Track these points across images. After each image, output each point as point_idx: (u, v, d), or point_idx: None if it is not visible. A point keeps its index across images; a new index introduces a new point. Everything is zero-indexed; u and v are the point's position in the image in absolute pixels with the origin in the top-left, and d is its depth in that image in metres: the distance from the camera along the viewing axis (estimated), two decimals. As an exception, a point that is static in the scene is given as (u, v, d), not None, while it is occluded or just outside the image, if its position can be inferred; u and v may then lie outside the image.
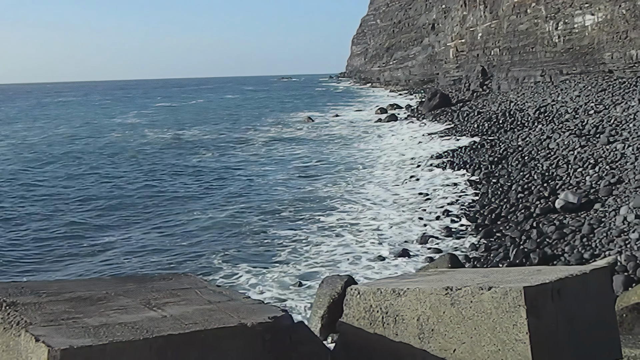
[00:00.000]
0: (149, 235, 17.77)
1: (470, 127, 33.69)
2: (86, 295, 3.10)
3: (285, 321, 2.90)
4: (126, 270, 14.45)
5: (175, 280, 3.56)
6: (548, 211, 15.86)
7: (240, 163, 32.00)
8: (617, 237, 13.06)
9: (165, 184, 26.20)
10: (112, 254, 16.06)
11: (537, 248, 13.55)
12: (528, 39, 46.59)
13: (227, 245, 16.27)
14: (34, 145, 42.14)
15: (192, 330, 2.64)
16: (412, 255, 14.56)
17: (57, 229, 18.68)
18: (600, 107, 28.16)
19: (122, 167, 31.68)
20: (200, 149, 38.09)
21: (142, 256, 15.74)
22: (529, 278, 3.17)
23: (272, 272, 14.00)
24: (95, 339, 2.49)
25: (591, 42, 38.66)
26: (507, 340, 2.92)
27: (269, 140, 41.83)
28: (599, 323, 3.25)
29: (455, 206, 18.41)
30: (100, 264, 15.24)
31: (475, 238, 15.23)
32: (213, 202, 22.21)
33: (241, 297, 3.27)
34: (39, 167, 32.28)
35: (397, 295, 3.31)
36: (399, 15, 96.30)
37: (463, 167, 23.64)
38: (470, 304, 3.04)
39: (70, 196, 23.89)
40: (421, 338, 3.19)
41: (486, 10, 54.52)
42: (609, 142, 20.76)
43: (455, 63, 63.07)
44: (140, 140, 43.95)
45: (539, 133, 26.16)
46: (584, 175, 18.07)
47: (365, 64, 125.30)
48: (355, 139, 39.71)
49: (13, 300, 2.91)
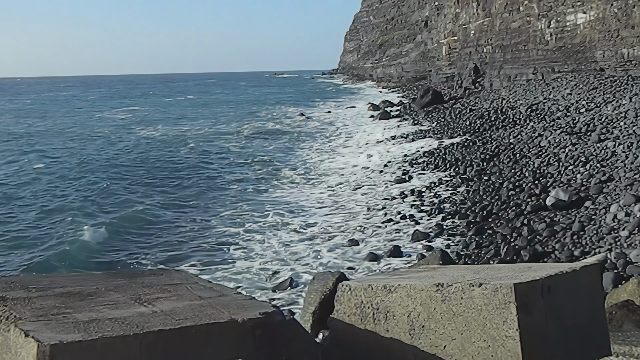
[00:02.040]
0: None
1: (458, 126, 33.74)
2: (76, 291, 3.09)
3: (276, 317, 2.90)
4: (115, 266, 14.42)
5: (166, 275, 3.55)
6: (539, 209, 15.92)
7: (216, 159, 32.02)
8: (607, 234, 13.14)
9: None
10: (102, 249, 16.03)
11: (528, 245, 13.61)
12: (520, 37, 46.70)
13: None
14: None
15: (183, 326, 2.63)
16: (404, 253, 14.59)
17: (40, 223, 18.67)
18: (592, 105, 28.28)
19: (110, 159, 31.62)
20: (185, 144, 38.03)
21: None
22: (519, 275, 3.18)
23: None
24: (85, 334, 2.48)
25: (583, 40, 38.79)
26: (497, 336, 2.93)
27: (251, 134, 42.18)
28: (589, 320, 3.27)
29: (446, 204, 18.44)
30: (89, 260, 15.19)
31: (466, 235, 15.27)
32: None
33: (232, 292, 3.27)
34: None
35: (388, 292, 3.31)
36: (392, 12, 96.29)
37: (454, 164, 23.68)
38: (460, 301, 3.04)
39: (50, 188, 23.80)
40: (412, 334, 3.20)
41: (479, 7, 54.58)
42: (600, 140, 20.86)
43: (448, 60, 63.14)
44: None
45: (531, 131, 26.24)
46: (574, 173, 18.16)
47: (357, 61, 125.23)
48: (346, 132, 39.72)
49: (2, 295, 2.90)
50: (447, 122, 36.26)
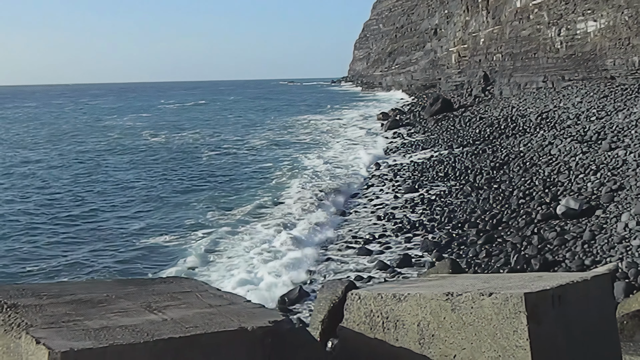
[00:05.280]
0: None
1: (468, 134, 33.64)
2: (87, 298, 3.10)
3: (285, 325, 2.90)
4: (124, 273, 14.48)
5: (175, 283, 3.56)
6: (549, 217, 15.85)
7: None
8: (618, 243, 13.05)
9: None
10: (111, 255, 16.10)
11: (538, 254, 13.54)
12: (530, 45, 46.59)
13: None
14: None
15: (193, 334, 2.64)
16: (413, 262, 14.55)
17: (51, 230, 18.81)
18: (602, 113, 28.14)
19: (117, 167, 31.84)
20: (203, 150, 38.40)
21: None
22: (529, 284, 3.16)
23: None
24: (95, 341, 2.49)
25: (593, 48, 38.65)
26: (507, 346, 2.91)
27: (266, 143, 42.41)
28: (600, 330, 3.25)
29: (456, 212, 18.37)
30: (100, 267, 15.26)
31: (476, 244, 15.20)
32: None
33: (242, 300, 3.27)
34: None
35: (397, 300, 3.31)
36: (402, 20, 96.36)
37: (464, 172, 23.62)
38: (470, 310, 3.03)
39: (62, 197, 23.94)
40: (421, 343, 3.19)
41: (489, 15, 54.53)
42: (611, 149, 20.74)
43: (458, 68, 63.06)
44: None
45: (541, 139, 26.14)
46: (585, 182, 18.05)
47: (367, 69, 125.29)
48: (356, 142, 39.75)
49: (14, 302, 2.91)
50: (457, 130, 36.19)
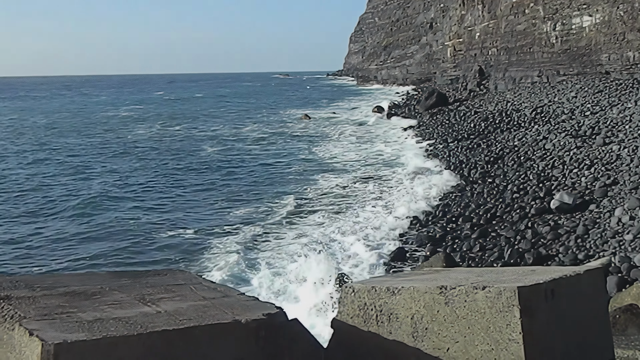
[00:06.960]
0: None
1: (463, 128, 33.69)
2: (80, 290, 3.09)
3: (279, 318, 2.90)
4: (119, 265, 14.46)
5: (169, 276, 3.55)
6: (543, 211, 15.90)
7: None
8: (611, 238, 13.10)
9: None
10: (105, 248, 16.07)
11: (532, 248, 13.58)
12: (526, 39, 46.62)
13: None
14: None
15: (186, 326, 2.64)
16: (408, 255, 14.58)
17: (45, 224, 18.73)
18: (597, 108, 28.21)
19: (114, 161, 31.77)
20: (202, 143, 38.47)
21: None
22: (523, 278, 3.17)
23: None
24: (89, 333, 2.48)
25: (588, 43, 38.71)
26: (500, 339, 2.92)
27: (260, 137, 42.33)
28: (593, 324, 3.26)
29: (451, 206, 18.42)
30: (94, 258, 15.23)
31: (470, 238, 15.24)
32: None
33: (236, 293, 3.27)
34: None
35: (391, 294, 3.31)
36: (397, 14, 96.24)
37: (459, 166, 23.65)
38: (464, 304, 3.04)
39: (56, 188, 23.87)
40: (415, 337, 3.19)
41: (484, 9, 54.51)
42: (605, 144, 20.81)
43: (453, 62, 63.07)
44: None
45: (535, 133, 26.20)
46: (579, 176, 18.12)
47: (362, 62, 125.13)
48: (351, 138, 39.74)
49: (7, 293, 2.90)
50: (452, 124, 36.22)
